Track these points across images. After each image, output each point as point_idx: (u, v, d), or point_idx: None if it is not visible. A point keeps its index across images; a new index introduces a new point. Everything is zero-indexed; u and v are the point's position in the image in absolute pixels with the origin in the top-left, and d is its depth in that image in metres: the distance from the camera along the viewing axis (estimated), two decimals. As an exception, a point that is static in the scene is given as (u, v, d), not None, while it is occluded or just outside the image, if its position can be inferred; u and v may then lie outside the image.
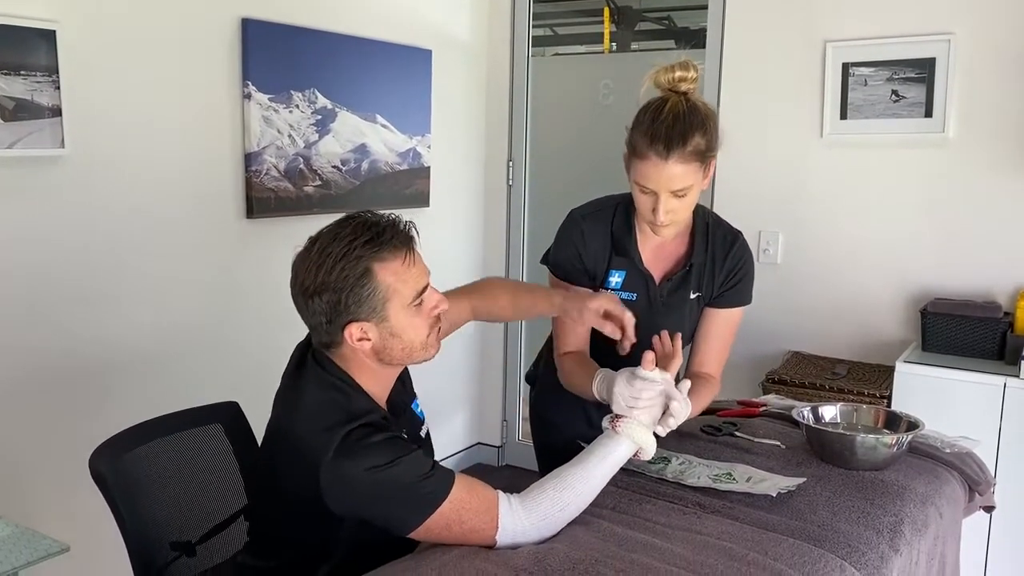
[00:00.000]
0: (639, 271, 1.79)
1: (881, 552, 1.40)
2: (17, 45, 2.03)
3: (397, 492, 1.29)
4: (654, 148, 1.60)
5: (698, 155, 1.61)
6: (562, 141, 3.74)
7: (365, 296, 1.31)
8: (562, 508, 1.38)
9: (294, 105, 2.75)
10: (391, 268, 1.32)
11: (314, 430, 1.30)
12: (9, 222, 2.11)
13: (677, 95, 1.63)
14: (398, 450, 1.30)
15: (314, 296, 1.32)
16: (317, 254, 1.32)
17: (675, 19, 4.78)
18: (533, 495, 1.38)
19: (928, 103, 2.77)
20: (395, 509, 1.30)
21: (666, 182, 1.61)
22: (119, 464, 1.53)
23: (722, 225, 1.84)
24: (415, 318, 1.36)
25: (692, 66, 1.63)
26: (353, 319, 1.32)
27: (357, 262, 1.30)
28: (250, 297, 2.73)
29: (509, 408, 3.87)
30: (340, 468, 1.26)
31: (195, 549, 1.59)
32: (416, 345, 1.38)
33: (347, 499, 1.29)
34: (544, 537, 1.37)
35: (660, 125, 1.60)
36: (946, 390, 2.50)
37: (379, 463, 1.27)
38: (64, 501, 2.25)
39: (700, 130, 1.60)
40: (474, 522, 1.32)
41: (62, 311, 2.24)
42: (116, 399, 2.37)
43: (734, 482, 1.59)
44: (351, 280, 1.30)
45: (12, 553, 1.40)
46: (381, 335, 1.34)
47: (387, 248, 1.31)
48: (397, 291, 1.33)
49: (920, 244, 2.86)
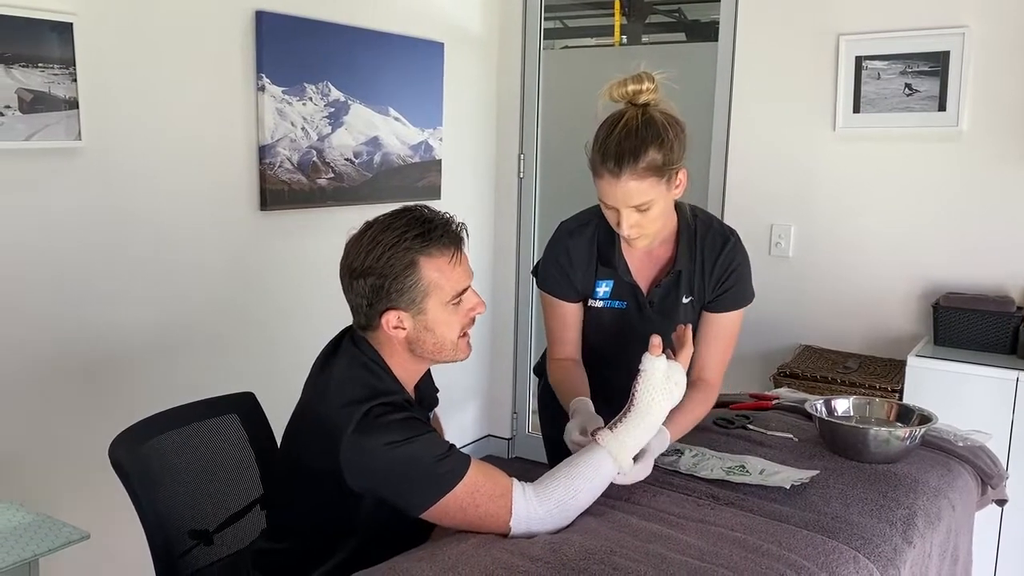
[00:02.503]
0: (624, 281, 1.78)
1: (894, 544, 1.40)
2: (35, 38, 2.05)
3: (413, 470, 1.31)
4: (606, 166, 1.58)
5: (653, 170, 1.57)
6: (573, 134, 3.72)
7: (407, 287, 1.35)
8: (574, 495, 1.39)
9: (307, 98, 2.76)
10: (436, 264, 1.36)
11: (337, 404, 1.33)
12: (27, 213, 2.13)
13: (635, 108, 1.60)
14: (416, 429, 1.34)
15: (359, 278, 1.36)
16: (369, 239, 1.36)
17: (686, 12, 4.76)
18: (545, 483, 1.40)
19: (942, 96, 2.76)
20: (411, 487, 1.32)
21: (623, 199, 1.59)
22: (138, 453, 1.54)
23: (713, 226, 1.79)
24: (451, 316, 1.40)
25: (648, 77, 1.60)
26: (392, 307, 1.37)
27: (405, 253, 1.34)
28: (264, 288, 2.75)
29: (519, 400, 3.88)
30: (359, 442, 1.29)
31: (212, 538, 1.61)
32: (447, 343, 1.41)
33: (365, 474, 1.31)
34: (557, 527, 1.38)
35: (611, 142, 1.58)
36: (958, 384, 2.49)
37: (396, 439, 1.30)
38: (84, 489, 2.28)
39: (655, 144, 1.56)
40: (488, 507, 1.34)
41: (79, 302, 2.26)
42: (133, 389, 2.39)
43: (747, 475, 1.59)
44: (396, 269, 1.34)
45: (33, 540, 1.42)
46: (416, 326, 1.38)
47: (435, 244, 1.36)
48: (439, 287, 1.37)
49: (933, 238, 2.85)
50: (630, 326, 1.79)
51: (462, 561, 1.27)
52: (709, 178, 3.19)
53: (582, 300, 1.82)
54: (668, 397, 1.49)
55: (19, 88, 2.03)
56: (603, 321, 1.82)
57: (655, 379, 1.47)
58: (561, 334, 1.83)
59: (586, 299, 1.82)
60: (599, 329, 1.83)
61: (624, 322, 1.80)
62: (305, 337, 2.87)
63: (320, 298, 2.92)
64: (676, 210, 1.76)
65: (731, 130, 3.14)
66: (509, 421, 3.90)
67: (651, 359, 1.48)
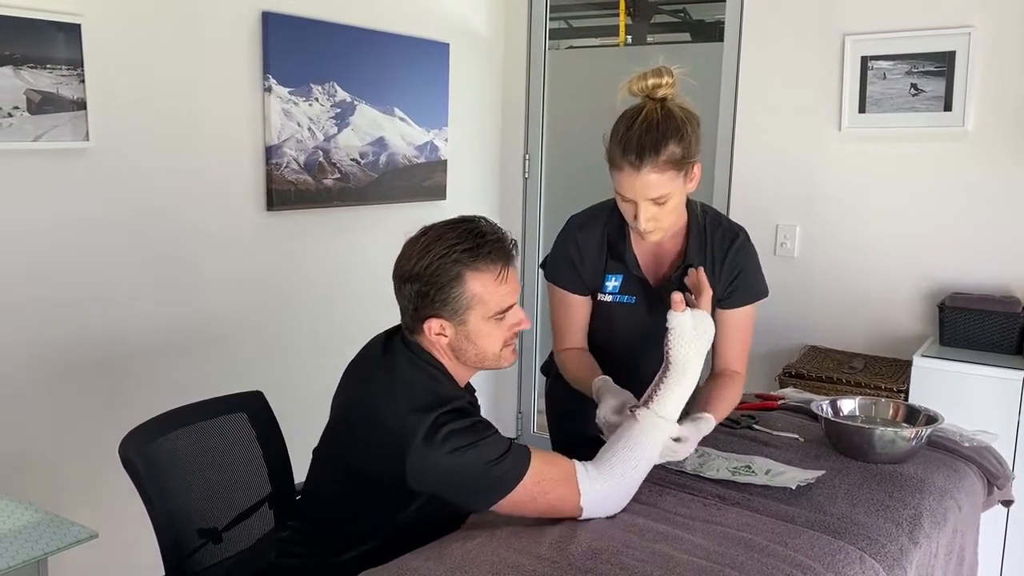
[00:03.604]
0: (634, 276, 1.79)
1: (901, 544, 1.41)
2: (42, 39, 2.06)
3: (477, 473, 1.34)
4: (627, 159, 1.59)
5: (673, 163, 1.59)
6: (578, 134, 3.73)
7: (451, 297, 1.38)
8: (635, 466, 1.43)
9: (313, 98, 2.76)
10: (482, 280, 1.38)
11: (404, 410, 1.35)
12: (35, 214, 2.14)
13: (654, 102, 1.62)
14: (480, 432, 1.36)
15: (407, 282, 1.40)
16: (422, 246, 1.39)
17: (691, 12, 4.76)
18: (605, 458, 1.44)
19: (947, 97, 2.76)
20: (476, 489, 1.35)
21: (642, 191, 1.61)
22: (147, 451, 1.55)
23: (722, 223, 1.81)
24: (493, 329, 1.42)
25: (667, 71, 1.61)
26: (436, 315, 1.39)
27: (453, 265, 1.37)
28: (271, 288, 2.76)
29: (524, 400, 3.89)
30: (427, 452, 1.31)
31: (221, 536, 1.62)
32: (488, 354, 1.44)
33: (430, 481, 1.34)
34: (623, 501, 1.43)
35: (632, 135, 1.59)
36: (963, 385, 2.49)
37: (462, 444, 1.33)
38: (92, 489, 2.29)
39: (675, 138, 1.58)
40: (558, 492, 1.38)
41: (87, 301, 2.27)
42: (141, 389, 2.40)
43: (753, 475, 1.60)
44: (443, 280, 1.37)
45: (41, 539, 1.43)
46: (458, 335, 1.41)
47: (483, 260, 1.38)
48: (483, 302, 1.39)
49: (938, 238, 2.85)
50: (639, 321, 1.80)
51: (468, 560, 1.28)
52: (714, 178, 3.19)
53: (590, 294, 1.83)
54: (700, 348, 1.53)
55: (27, 89, 2.04)
56: (612, 315, 1.82)
57: (685, 333, 1.51)
58: (568, 327, 1.84)
59: (594, 293, 1.83)
60: (608, 323, 1.84)
61: (633, 317, 1.80)
62: (312, 336, 2.89)
63: (327, 297, 2.92)
64: (686, 206, 1.77)
65: (736, 130, 3.14)
66: (515, 421, 3.90)
67: (677, 315, 1.52)
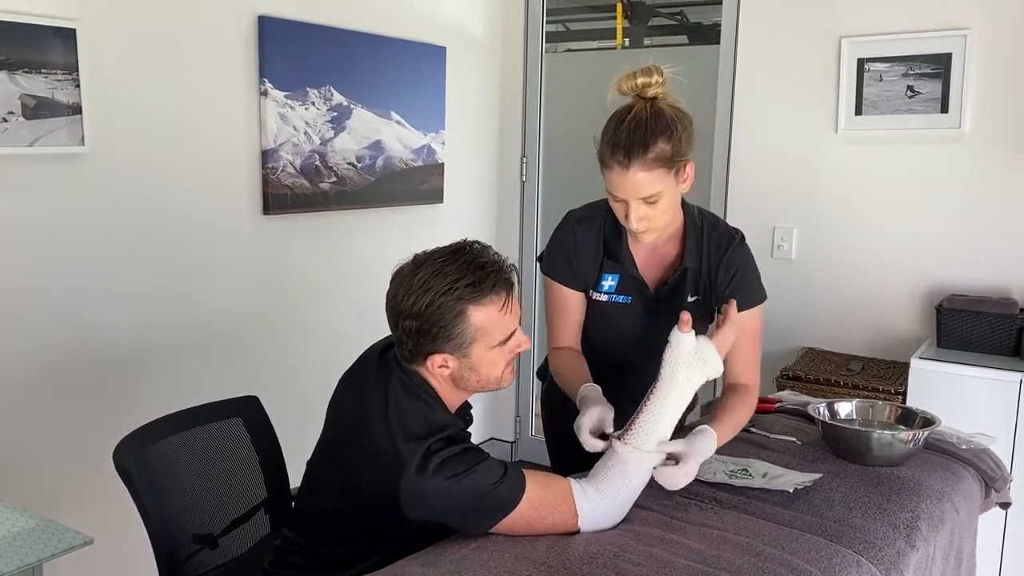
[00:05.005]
0: (631, 275, 1.78)
1: (898, 548, 1.40)
2: (38, 43, 2.05)
3: (472, 500, 1.33)
4: (615, 157, 1.59)
5: (662, 161, 1.58)
6: (575, 137, 3.72)
7: (455, 334, 1.35)
8: (629, 481, 1.42)
9: (310, 102, 2.76)
10: (486, 312, 1.36)
11: (398, 438, 1.33)
12: (31, 219, 2.14)
13: (643, 101, 1.61)
14: (473, 459, 1.35)
15: (406, 319, 1.36)
16: (420, 283, 1.35)
17: (688, 15, 4.76)
18: (600, 474, 1.43)
19: (944, 98, 2.76)
20: (472, 515, 1.35)
21: (632, 190, 1.60)
22: (142, 457, 1.55)
23: (719, 227, 1.80)
24: (496, 356, 1.41)
25: (656, 71, 1.61)
26: (438, 351, 1.37)
27: (456, 303, 1.34)
28: (267, 293, 2.75)
29: (522, 404, 3.88)
30: (420, 481, 1.30)
31: (217, 541, 1.62)
32: (491, 379, 1.44)
33: (425, 508, 1.33)
34: (621, 516, 1.42)
35: (621, 133, 1.59)
36: (961, 387, 2.49)
37: (456, 472, 1.32)
38: (87, 494, 2.28)
39: (664, 135, 1.58)
40: (555, 515, 1.37)
41: (81, 306, 2.26)
42: (136, 393, 2.39)
43: (750, 478, 1.59)
44: (446, 318, 1.34)
45: (36, 545, 1.42)
46: (460, 367, 1.39)
47: (487, 294, 1.36)
48: (487, 333, 1.38)
49: (935, 240, 2.84)
50: (634, 322, 1.79)
51: (464, 566, 1.28)
52: (711, 181, 3.19)
53: (584, 291, 1.82)
54: (695, 372, 1.50)
55: (22, 94, 2.04)
56: (607, 315, 1.81)
57: (681, 353, 1.50)
58: (562, 323, 1.83)
59: (588, 290, 1.82)
60: (602, 323, 1.83)
61: (629, 317, 1.80)
62: (308, 341, 2.88)
63: (324, 302, 2.92)
64: (683, 209, 1.76)
65: (733, 133, 3.14)
66: (512, 424, 3.90)
67: (678, 334, 1.50)
